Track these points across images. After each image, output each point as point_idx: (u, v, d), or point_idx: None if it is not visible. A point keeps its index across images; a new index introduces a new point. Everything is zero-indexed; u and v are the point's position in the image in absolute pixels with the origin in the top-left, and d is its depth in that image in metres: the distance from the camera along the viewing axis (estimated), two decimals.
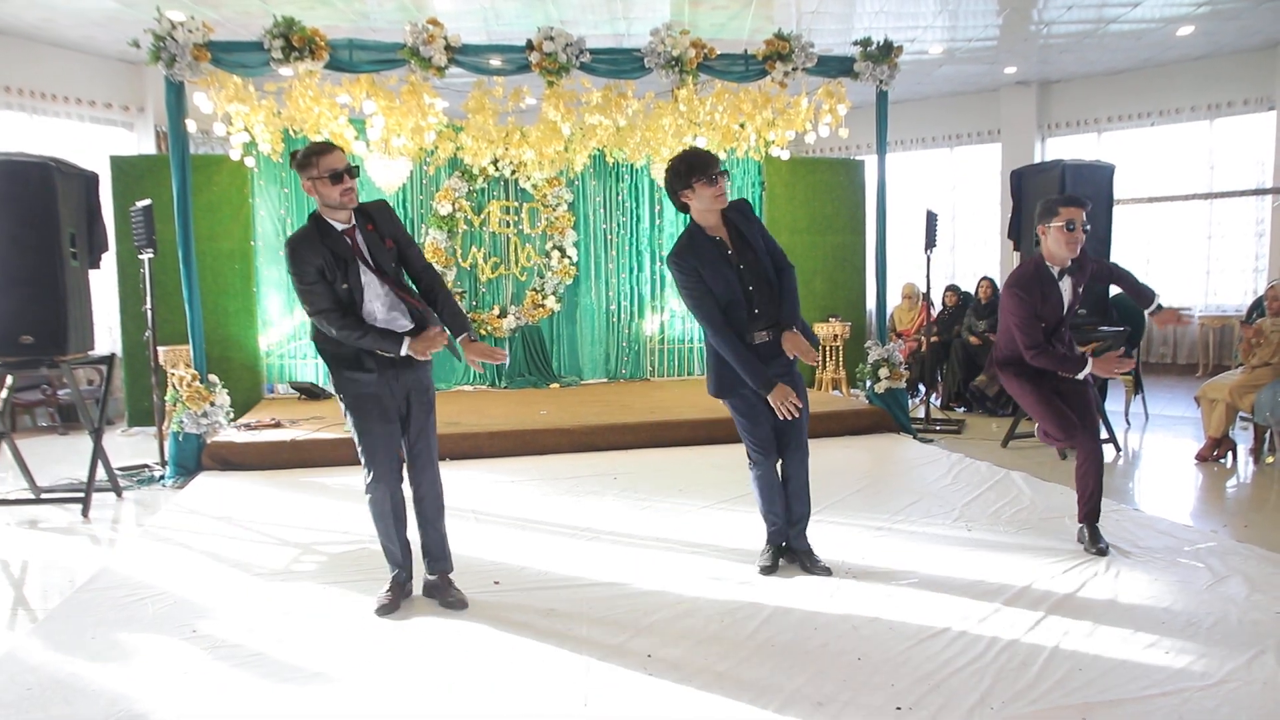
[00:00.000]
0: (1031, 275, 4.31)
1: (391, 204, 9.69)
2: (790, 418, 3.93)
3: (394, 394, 3.76)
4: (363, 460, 3.78)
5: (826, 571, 4.16)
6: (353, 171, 3.64)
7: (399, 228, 3.83)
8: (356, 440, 3.77)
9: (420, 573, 3.99)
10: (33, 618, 3.96)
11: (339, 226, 3.68)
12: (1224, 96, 11.18)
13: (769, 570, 4.19)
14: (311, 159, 3.62)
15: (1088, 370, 4.24)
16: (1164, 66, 11.45)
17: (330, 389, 3.87)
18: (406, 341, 3.64)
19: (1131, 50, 10.77)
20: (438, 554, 3.95)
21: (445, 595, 3.90)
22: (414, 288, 3.84)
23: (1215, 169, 11.52)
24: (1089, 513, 4.52)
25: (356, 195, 3.68)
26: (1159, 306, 4.45)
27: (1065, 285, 4.33)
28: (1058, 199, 4.26)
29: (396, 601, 3.86)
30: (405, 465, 3.89)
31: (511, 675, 3.22)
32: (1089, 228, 4.24)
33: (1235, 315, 10.92)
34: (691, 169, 3.87)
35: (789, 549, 4.30)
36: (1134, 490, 6.10)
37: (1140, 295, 4.49)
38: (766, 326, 4.00)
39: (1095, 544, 4.45)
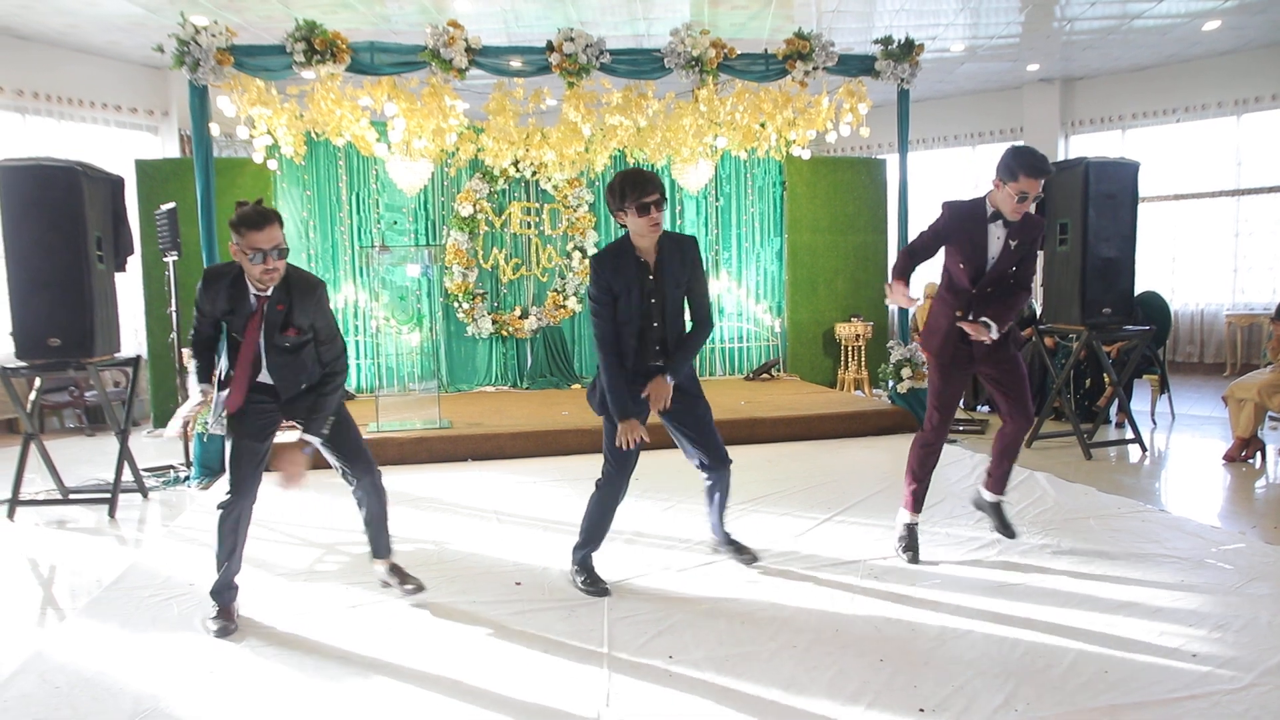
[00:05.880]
0: (965, 205, 4.19)
1: (413, 205, 9.86)
2: (624, 448, 3.84)
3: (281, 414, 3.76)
4: (227, 471, 3.76)
5: (753, 559, 4.27)
6: (280, 253, 3.46)
7: (319, 317, 3.63)
8: (228, 448, 3.73)
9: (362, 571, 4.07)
10: (61, 617, 4.01)
11: (253, 290, 3.54)
12: (1251, 91, 11.04)
13: (606, 591, 4.02)
14: (240, 229, 3.39)
15: (889, 296, 4.18)
16: (1190, 62, 11.33)
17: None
18: (202, 388, 3.71)
19: (1156, 46, 10.66)
20: (380, 536, 3.99)
21: (401, 581, 3.97)
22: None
23: (1243, 165, 11.37)
24: (999, 483, 4.47)
25: (278, 276, 3.50)
26: (986, 324, 4.12)
27: (996, 233, 4.11)
28: (1020, 162, 3.94)
29: (234, 620, 3.73)
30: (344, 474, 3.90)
31: (533, 676, 3.23)
32: (1041, 196, 4.12)
33: (1263, 313, 10.79)
34: (624, 194, 3.68)
35: (722, 545, 4.40)
36: (1161, 491, 6.04)
37: (1002, 312, 4.23)
38: (664, 359, 3.90)
39: (1004, 526, 4.46)
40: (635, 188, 3.65)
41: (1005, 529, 4.47)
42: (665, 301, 3.81)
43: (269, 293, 3.55)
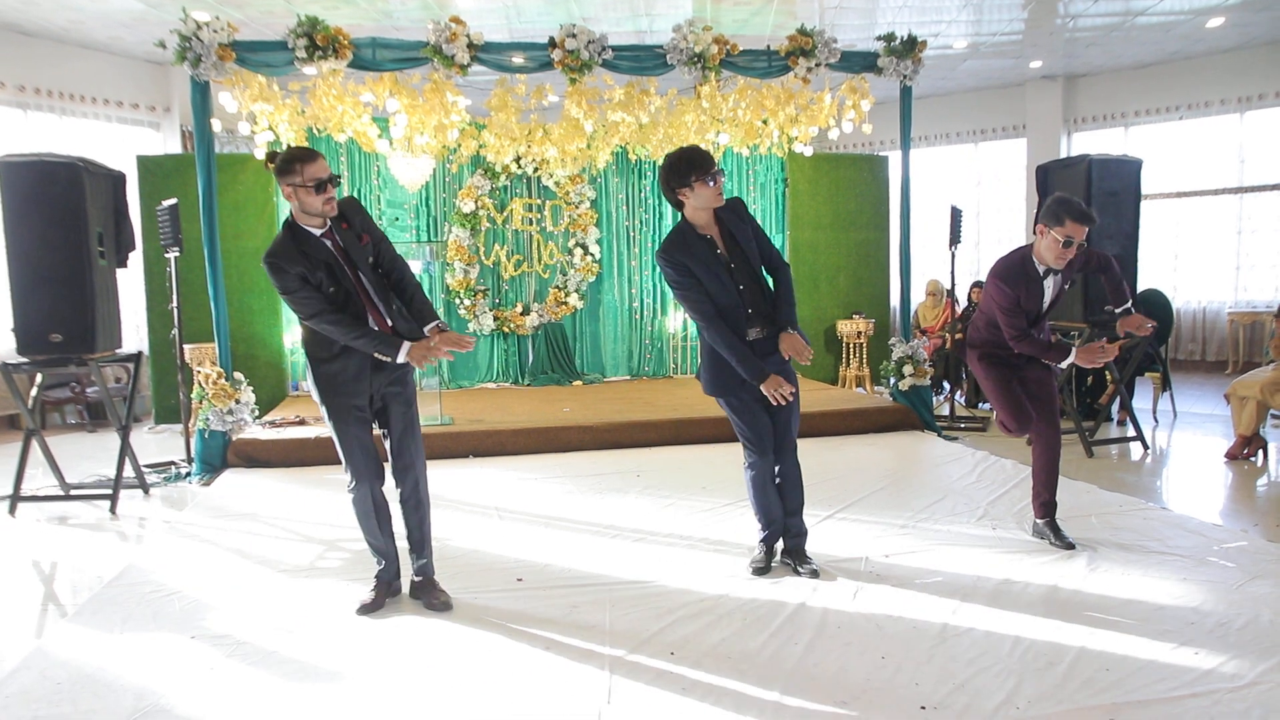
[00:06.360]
0: (1017, 269, 4.26)
1: (415, 201, 9.85)
2: (782, 403, 3.88)
3: (371, 393, 3.75)
4: (343, 461, 3.76)
5: (814, 574, 4.11)
6: (335, 180, 3.58)
7: (371, 223, 3.77)
8: (337, 442, 3.74)
9: (406, 574, 3.99)
10: (62, 613, 4.01)
11: (315, 232, 3.61)
12: (1255, 89, 11.01)
13: (763, 571, 4.17)
14: (294, 165, 3.51)
15: (1071, 359, 4.19)
16: (1193, 59, 11.30)
17: (313, 393, 3.81)
18: (405, 347, 3.58)
19: (1160, 43, 10.64)
20: (421, 554, 3.94)
21: (430, 597, 3.87)
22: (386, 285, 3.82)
23: (1245, 163, 11.35)
24: (1045, 507, 4.54)
25: (336, 204, 3.62)
26: (1128, 310, 4.43)
27: (1049, 283, 4.29)
28: (1067, 209, 4.05)
29: (381, 599, 3.86)
30: (390, 464, 3.86)
31: (535, 672, 3.23)
32: (1085, 245, 4.18)
33: (1265, 311, 10.78)
34: (692, 166, 3.82)
35: (784, 549, 4.28)
36: (1162, 489, 6.04)
37: (1118, 294, 4.46)
38: (760, 324, 3.96)
39: (1060, 539, 4.47)
40: (699, 163, 3.83)
41: (1061, 542, 4.46)
42: (746, 262, 3.92)
43: (328, 224, 3.64)
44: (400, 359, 3.60)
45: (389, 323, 3.71)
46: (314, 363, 3.72)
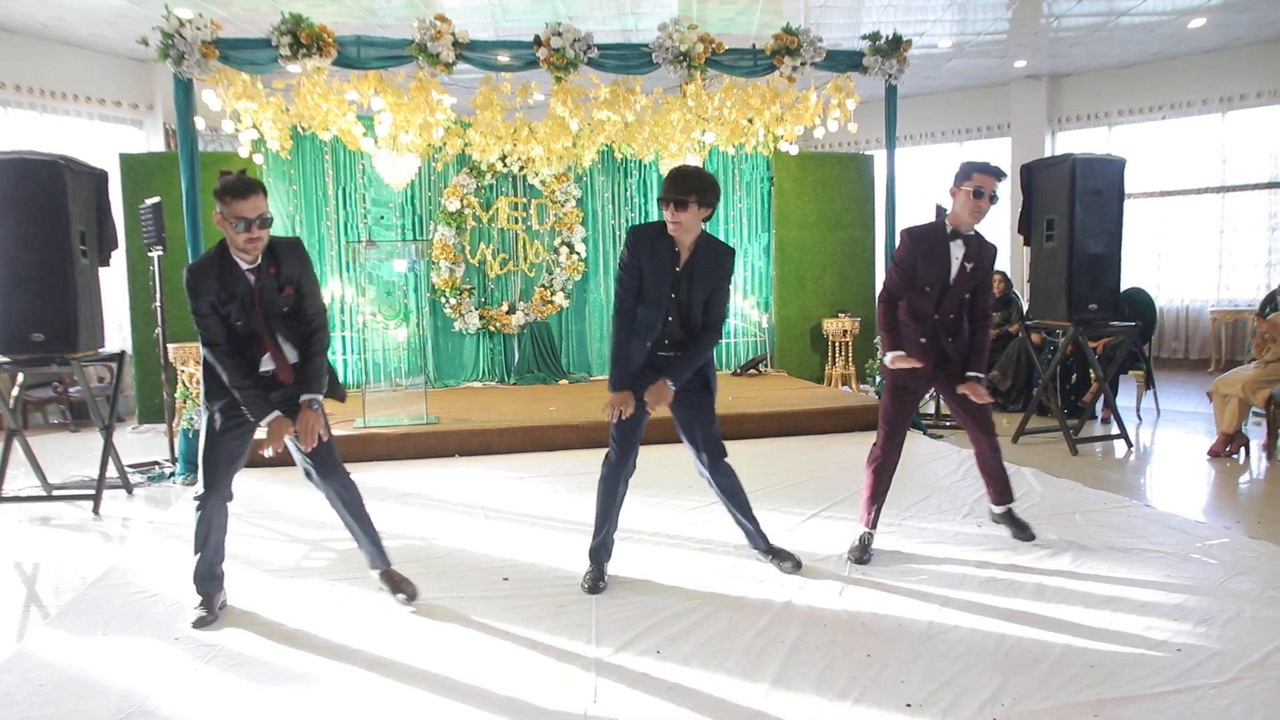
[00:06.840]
0: (924, 227, 4.28)
1: (400, 200, 9.81)
2: (611, 420, 3.87)
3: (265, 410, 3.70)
4: (200, 468, 3.75)
5: (796, 567, 4.15)
6: (264, 221, 3.49)
7: (305, 272, 3.69)
8: (202, 447, 3.72)
9: (364, 574, 4.04)
10: (44, 614, 3.98)
11: (243, 265, 3.56)
12: (1236, 89, 11.11)
13: (596, 589, 4.01)
14: (225, 198, 3.43)
15: (887, 358, 4.21)
16: (1175, 59, 11.38)
17: (200, 390, 3.79)
18: (271, 417, 3.57)
19: (1143, 43, 10.71)
20: (383, 561, 3.97)
21: (394, 586, 3.92)
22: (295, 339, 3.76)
23: (1227, 162, 11.45)
24: (1000, 495, 4.56)
25: (262, 245, 3.54)
26: (978, 378, 4.28)
27: (956, 251, 4.20)
28: (973, 165, 4.15)
29: (214, 613, 3.78)
30: (310, 473, 3.87)
31: (521, 671, 3.22)
32: (997, 199, 4.17)
33: (1247, 310, 10.86)
34: (664, 186, 3.82)
35: (762, 550, 4.29)
36: (1146, 486, 6.07)
37: (978, 358, 4.33)
38: (673, 349, 3.95)
39: (1020, 529, 4.52)
40: (665, 184, 3.80)
41: (1021, 532, 4.51)
42: (689, 299, 3.88)
43: (259, 262, 3.58)
44: (259, 425, 3.59)
45: (291, 372, 3.71)
46: (208, 364, 3.68)
